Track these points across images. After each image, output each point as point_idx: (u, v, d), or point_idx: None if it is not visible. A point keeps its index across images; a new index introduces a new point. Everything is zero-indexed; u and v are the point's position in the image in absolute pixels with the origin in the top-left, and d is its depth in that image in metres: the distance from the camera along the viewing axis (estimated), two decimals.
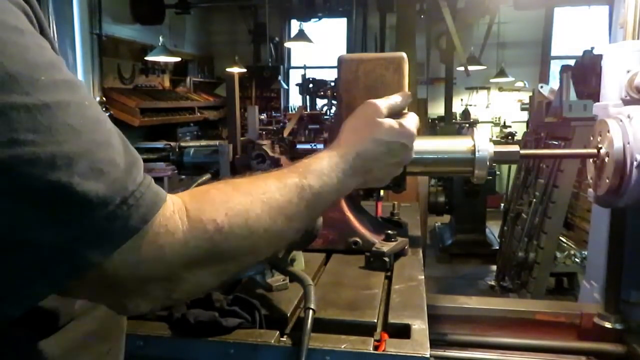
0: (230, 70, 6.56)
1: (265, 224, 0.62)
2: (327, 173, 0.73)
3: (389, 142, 0.81)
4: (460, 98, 8.53)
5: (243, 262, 0.63)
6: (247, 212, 0.60)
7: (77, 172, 0.45)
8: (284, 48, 8.92)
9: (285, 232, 0.67)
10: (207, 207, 0.58)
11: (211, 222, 0.56)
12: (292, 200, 0.67)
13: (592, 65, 3.74)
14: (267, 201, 0.63)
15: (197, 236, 0.55)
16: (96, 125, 0.49)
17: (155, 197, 0.52)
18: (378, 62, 1.31)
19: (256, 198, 0.63)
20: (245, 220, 0.60)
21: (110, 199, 0.47)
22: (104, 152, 0.49)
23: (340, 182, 0.75)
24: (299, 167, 0.72)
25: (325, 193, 0.72)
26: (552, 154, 3.50)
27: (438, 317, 1.47)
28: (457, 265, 5.45)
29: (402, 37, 4.66)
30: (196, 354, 0.85)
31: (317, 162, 0.74)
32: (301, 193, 0.68)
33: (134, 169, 0.52)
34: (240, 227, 0.59)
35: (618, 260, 1.42)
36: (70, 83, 0.49)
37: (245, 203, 0.61)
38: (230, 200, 0.60)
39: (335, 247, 1.31)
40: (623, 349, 1.37)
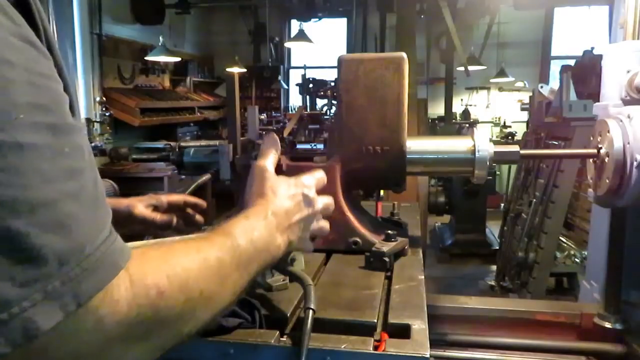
0: (230, 70, 6.56)
1: (202, 286, 0.60)
2: (251, 232, 0.73)
3: (293, 194, 0.84)
4: (460, 98, 8.53)
5: (182, 331, 0.60)
6: (186, 273, 0.58)
7: (37, 222, 0.42)
8: (284, 48, 8.92)
9: (221, 295, 0.65)
10: (148, 269, 0.55)
11: (154, 287, 0.54)
12: (224, 260, 0.66)
13: (592, 65, 3.74)
14: (202, 262, 0.62)
15: (140, 304, 0.52)
16: (69, 175, 0.47)
17: (113, 264, 0.49)
18: (378, 62, 1.31)
19: (192, 258, 0.61)
20: (185, 282, 0.58)
21: (65, 259, 0.44)
22: (70, 205, 0.46)
23: (267, 241, 0.76)
24: (225, 228, 0.72)
25: (255, 252, 0.72)
26: (552, 154, 3.50)
27: (438, 317, 1.47)
28: (457, 265, 5.45)
29: (402, 37, 4.66)
30: (196, 354, 0.85)
31: (241, 223, 0.74)
32: (232, 253, 0.68)
33: (99, 230, 0.49)
34: (181, 290, 0.57)
35: (618, 260, 1.42)
36: (56, 127, 0.46)
37: (183, 264, 0.59)
38: (169, 261, 0.58)
39: (335, 247, 1.31)
40: (623, 349, 1.37)
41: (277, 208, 0.81)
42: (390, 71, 1.29)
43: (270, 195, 0.82)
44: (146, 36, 6.95)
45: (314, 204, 0.87)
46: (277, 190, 0.84)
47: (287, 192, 0.84)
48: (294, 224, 0.82)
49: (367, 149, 1.31)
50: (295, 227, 0.83)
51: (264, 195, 0.83)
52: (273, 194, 0.83)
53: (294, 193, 0.85)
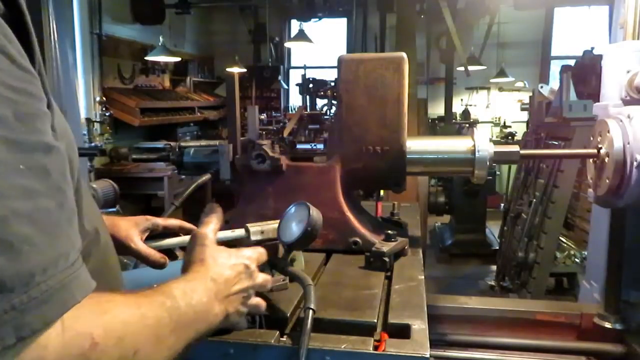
0: (230, 70, 6.56)
1: (138, 344, 0.56)
2: (191, 295, 0.70)
3: (233, 264, 0.81)
4: (460, 98, 8.53)
5: None
6: (124, 327, 0.55)
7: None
8: (284, 48, 8.92)
9: (154, 358, 0.61)
10: (84, 316, 0.50)
11: (87, 337, 0.50)
12: (163, 321, 0.62)
13: (592, 65, 3.74)
14: (141, 319, 0.58)
15: (70, 353, 0.48)
16: (22, 194, 0.43)
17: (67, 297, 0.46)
18: (378, 62, 1.31)
19: (132, 313, 0.57)
20: (121, 338, 0.54)
21: (10, 284, 0.41)
22: (22, 226, 0.42)
23: (205, 307, 0.73)
24: (165, 288, 0.68)
25: (193, 316, 0.69)
26: (552, 154, 3.50)
27: (438, 317, 1.47)
28: (457, 265, 5.45)
29: (402, 37, 4.66)
30: (196, 354, 0.85)
31: (182, 285, 0.71)
32: (171, 314, 0.64)
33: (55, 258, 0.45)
34: (116, 345, 0.53)
35: (618, 260, 1.42)
36: (13, 142, 0.43)
37: (122, 317, 0.55)
38: (108, 311, 0.54)
39: (335, 247, 1.31)
40: (623, 349, 1.37)
41: (216, 275, 0.78)
42: (390, 71, 1.29)
43: (210, 262, 0.80)
44: (146, 36, 6.94)
45: (254, 277, 0.83)
46: (217, 258, 0.81)
47: (228, 261, 0.81)
48: (232, 294, 0.79)
49: (367, 149, 1.31)
50: (234, 298, 0.79)
51: (204, 261, 0.80)
52: (213, 261, 0.80)
53: (235, 263, 0.82)
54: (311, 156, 1.48)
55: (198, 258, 0.80)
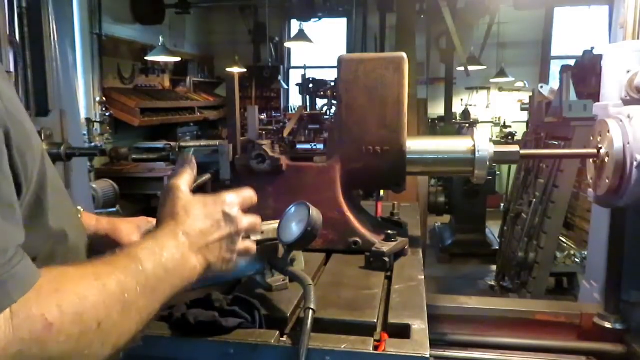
0: (230, 70, 6.56)
1: (100, 316, 0.54)
2: (160, 254, 0.67)
3: (210, 213, 0.78)
4: (460, 98, 8.53)
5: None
6: (81, 302, 0.52)
7: None
8: (284, 48, 8.92)
9: (123, 326, 0.59)
10: (35, 298, 0.48)
11: (39, 319, 0.47)
12: (128, 286, 0.59)
13: (592, 65, 3.74)
14: (101, 289, 0.55)
15: (22, 339, 0.46)
16: None
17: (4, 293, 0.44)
18: (378, 62, 1.31)
19: (89, 285, 0.55)
20: (79, 313, 0.52)
21: None
22: None
23: (178, 263, 0.70)
24: (129, 251, 0.66)
25: (165, 275, 0.66)
26: (552, 154, 3.50)
27: (438, 317, 1.47)
28: (457, 265, 5.45)
29: (402, 37, 4.66)
30: (196, 354, 0.85)
31: (148, 245, 0.68)
32: (137, 278, 0.61)
33: None
34: (74, 322, 0.51)
35: (618, 260, 1.42)
36: None
37: (78, 291, 0.53)
38: (61, 288, 0.52)
39: (335, 247, 1.31)
40: (623, 349, 1.37)
41: (189, 228, 0.74)
42: (390, 71, 1.29)
43: (182, 215, 0.75)
44: (146, 36, 6.94)
45: (237, 222, 0.80)
46: (191, 210, 0.76)
47: (203, 211, 0.77)
48: (212, 244, 0.76)
49: (367, 149, 1.31)
50: (214, 247, 0.76)
51: (175, 215, 0.75)
52: (185, 213, 0.76)
53: (212, 211, 0.78)
54: (311, 156, 1.49)
55: (169, 212, 0.76)
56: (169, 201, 0.78)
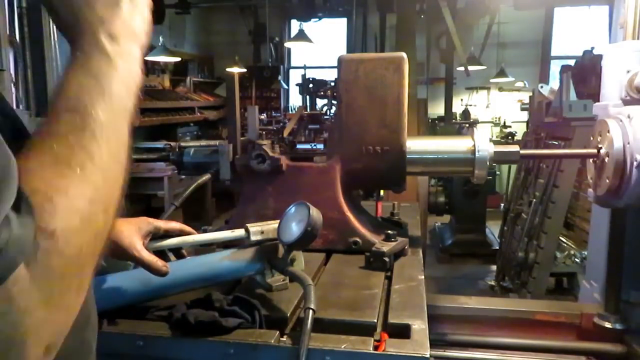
0: (230, 70, 6.56)
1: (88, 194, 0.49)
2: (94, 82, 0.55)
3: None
4: (460, 98, 8.53)
5: (95, 252, 0.50)
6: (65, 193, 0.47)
7: None
8: (284, 48, 8.92)
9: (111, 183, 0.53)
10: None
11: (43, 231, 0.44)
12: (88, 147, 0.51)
13: (592, 65, 3.74)
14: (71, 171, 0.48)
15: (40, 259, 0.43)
16: None
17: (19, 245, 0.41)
18: (378, 62, 1.31)
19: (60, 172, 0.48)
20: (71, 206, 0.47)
21: None
22: None
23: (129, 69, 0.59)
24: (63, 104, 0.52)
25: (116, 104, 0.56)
26: (552, 154, 3.50)
27: (438, 317, 1.47)
28: (457, 265, 5.45)
29: (402, 37, 4.66)
30: (196, 354, 0.85)
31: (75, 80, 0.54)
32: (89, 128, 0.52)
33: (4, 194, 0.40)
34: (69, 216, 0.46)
35: (618, 260, 1.42)
36: None
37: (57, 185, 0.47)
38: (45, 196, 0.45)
39: (335, 247, 1.31)
40: (623, 349, 1.37)
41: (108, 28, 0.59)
42: (390, 71, 1.29)
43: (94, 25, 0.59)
44: None
45: None
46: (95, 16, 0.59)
47: None
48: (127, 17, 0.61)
49: (367, 149, 1.31)
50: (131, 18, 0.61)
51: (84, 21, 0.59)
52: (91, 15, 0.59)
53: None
54: (311, 156, 1.48)
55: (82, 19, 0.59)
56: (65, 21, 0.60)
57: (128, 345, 0.85)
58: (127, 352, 0.85)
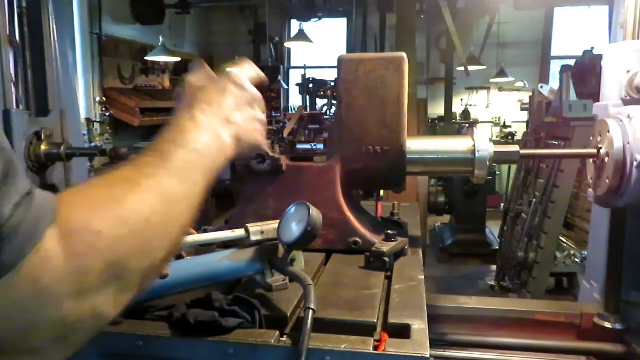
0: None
1: (145, 213, 0.53)
2: (185, 139, 0.66)
3: (215, 84, 0.78)
4: (460, 98, 8.54)
5: (140, 267, 0.52)
6: (119, 205, 0.51)
7: None
8: (284, 48, 8.92)
9: (172, 215, 0.57)
10: (74, 214, 0.47)
11: (87, 230, 0.47)
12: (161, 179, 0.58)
13: (592, 65, 3.74)
14: (134, 187, 0.54)
15: (78, 252, 0.45)
16: None
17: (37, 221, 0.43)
18: (378, 62, 1.31)
19: (120, 187, 0.54)
20: (121, 217, 0.51)
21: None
22: None
23: (207, 141, 0.68)
24: (151, 148, 0.63)
25: (196, 159, 0.65)
26: (552, 154, 3.50)
27: (438, 317, 1.47)
28: (457, 265, 5.45)
29: (402, 37, 4.66)
30: (196, 354, 0.85)
31: (169, 137, 0.66)
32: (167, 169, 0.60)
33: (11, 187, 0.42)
34: (119, 225, 0.50)
35: (618, 260, 1.42)
36: None
37: (112, 195, 0.52)
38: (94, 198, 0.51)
39: (335, 247, 1.31)
40: (623, 349, 1.37)
41: (204, 106, 0.72)
42: (390, 71, 1.29)
43: (192, 100, 0.74)
44: (146, 36, 6.95)
45: (249, 89, 0.81)
46: (199, 93, 0.75)
47: (212, 89, 0.77)
48: (232, 114, 0.75)
49: (367, 149, 1.31)
50: (236, 117, 0.76)
51: (187, 103, 0.74)
52: (195, 97, 0.75)
53: (220, 87, 0.78)
54: (311, 156, 1.49)
55: (181, 107, 0.74)
56: (187, 96, 0.76)
57: (128, 345, 0.85)
58: (127, 352, 0.85)
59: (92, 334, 0.50)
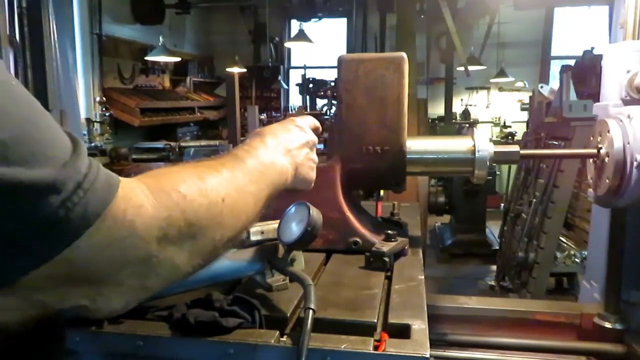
0: (230, 70, 6.56)
1: (221, 193, 0.62)
2: (255, 152, 0.78)
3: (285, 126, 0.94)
4: (460, 98, 8.54)
5: (213, 237, 0.61)
6: (202, 181, 0.60)
7: (17, 160, 0.40)
8: (284, 48, 8.93)
9: (243, 204, 0.67)
10: (163, 180, 0.57)
11: (174, 191, 0.56)
12: (236, 174, 0.68)
13: (592, 65, 3.75)
14: (215, 173, 0.64)
15: (165, 205, 0.53)
16: (30, 105, 0.44)
17: (109, 176, 0.49)
18: (378, 62, 1.31)
19: (203, 170, 0.63)
20: (203, 189, 0.60)
21: (62, 185, 0.43)
22: (45, 134, 0.44)
23: (271, 158, 0.81)
24: (227, 153, 0.76)
25: (263, 167, 0.76)
26: (552, 154, 3.50)
27: (438, 317, 1.47)
28: (457, 265, 5.45)
29: (402, 37, 4.66)
30: (196, 354, 0.85)
31: (241, 148, 0.79)
32: (241, 168, 0.71)
33: (80, 150, 0.47)
34: (201, 194, 0.59)
35: (618, 260, 1.42)
36: None
37: (197, 173, 0.61)
38: (180, 174, 0.60)
39: (335, 247, 1.31)
40: (623, 349, 1.37)
41: (272, 135, 0.87)
42: (390, 71, 1.29)
43: (262, 131, 0.89)
44: (146, 36, 6.95)
45: (310, 133, 0.97)
46: (268, 128, 0.91)
47: (280, 126, 0.92)
48: (295, 149, 0.89)
49: (367, 149, 1.31)
50: (298, 152, 0.90)
51: (257, 132, 0.88)
52: (264, 130, 0.89)
53: (287, 126, 0.93)
54: None
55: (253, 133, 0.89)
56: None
57: (128, 345, 0.85)
58: (127, 352, 0.85)
59: (166, 283, 0.58)
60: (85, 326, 0.85)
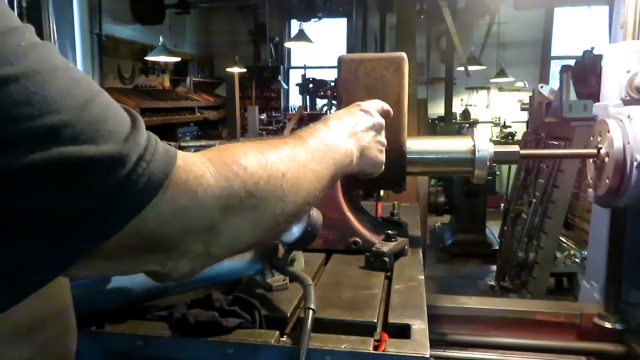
0: (230, 70, 6.56)
1: (282, 168, 0.63)
2: (317, 133, 0.79)
3: (350, 111, 0.96)
4: (460, 98, 8.54)
5: (274, 210, 0.62)
6: (263, 155, 0.61)
7: (85, 138, 0.42)
8: (284, 48, 8.93)
9: (304, 180, 0.68)
10: (224, 153, 0.58)
11: (235, 163, 0.57)
12: (298, 151, 0.69)
13: (592, 65, 3.75)
14: (277, 149, 0.65)
15: (226, 176, 0.55)
16: (90, 85, 0.46)
17: (167, 148, 0.52)
18: (378, 62, 1.31)
19: (265, 146, 0.64)
20: (264, 162, 0.61)
21: (126, 158, 0.45)
22: (106, 111, 0.46)
23: (335, 140, 0.81)
24: (286, 135, 0.78)
25: (326, 148, 0.77)
26: (552, 154, 3.50)
27: (438, 317, 1.47)
28: (457, 265, 5.46)
29: (402, 37, 4.66)
30: (196, 354, 0.85)
31: (305, 130, 0.80)
32: (303, 147, 0.71)
33: (139, 124, 0.49)
34: (262, 168, 0.60)
35: (618, 260, 1.42)
36: (47, 45, 0.45)
37: (258, 148, 0.62)
38: (241, 148, 0.61)
39: (335, 247, 1.31)
40: (623, 349, 1.37)
41: (337, 118, 0.88)
42: (390, 71, 1.29)
43: (326, 117, 0.90)
44: (146, 36, 6.95)
45: (377, 117, 0.97)
46: (333, 114, 0.93)
47: (344, 111, 0.94)
48: (360, 132, 0.91)
49: None
50: (363, 135, 0.91)
51: (323, 118, 0.89)
52: (328, 116, 0.91)
53: (352, 111, 0.95)
54: None
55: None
56: None
57: (128, 345, 0.85)
58: (127, 352, 0.85)
59: (230, 251, 0.61)
60: (85, 326, 0.85)
